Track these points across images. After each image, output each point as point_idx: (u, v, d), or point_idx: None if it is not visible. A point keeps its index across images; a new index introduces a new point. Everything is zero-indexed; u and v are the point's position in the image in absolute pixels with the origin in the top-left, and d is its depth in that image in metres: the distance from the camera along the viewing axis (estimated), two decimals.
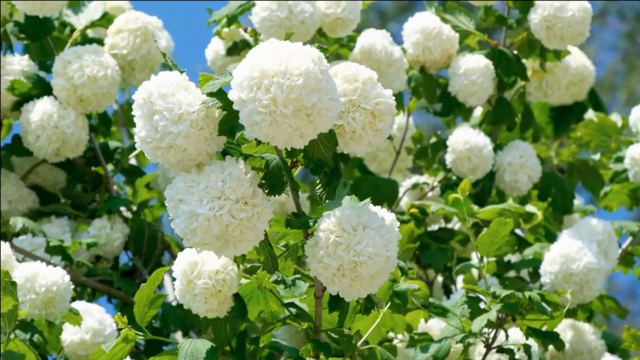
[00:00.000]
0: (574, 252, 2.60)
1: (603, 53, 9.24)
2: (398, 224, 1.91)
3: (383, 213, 1.89)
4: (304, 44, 1.75)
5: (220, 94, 1.80)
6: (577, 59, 3.19)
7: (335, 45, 2.92)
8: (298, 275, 2.11)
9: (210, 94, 1.81)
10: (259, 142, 1.81)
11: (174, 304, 2.88)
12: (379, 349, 2.13)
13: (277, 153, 1.87)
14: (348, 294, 1.85)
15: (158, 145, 1.81)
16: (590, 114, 3.20)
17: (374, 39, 2.86)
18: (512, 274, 2.95)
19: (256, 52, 1.75)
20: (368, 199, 1.92)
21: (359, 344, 2.17)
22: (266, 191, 1.84)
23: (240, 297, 2.11)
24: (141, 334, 2.10)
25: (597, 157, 3.06)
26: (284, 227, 1.93)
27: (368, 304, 2.06)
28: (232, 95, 1.74)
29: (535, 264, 2.80)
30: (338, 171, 1.90)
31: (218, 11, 2.86)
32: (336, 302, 1.92)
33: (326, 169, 1.88)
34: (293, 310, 2.10)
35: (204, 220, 1.77)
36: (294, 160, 1.91)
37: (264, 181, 1.84)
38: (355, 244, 1.81)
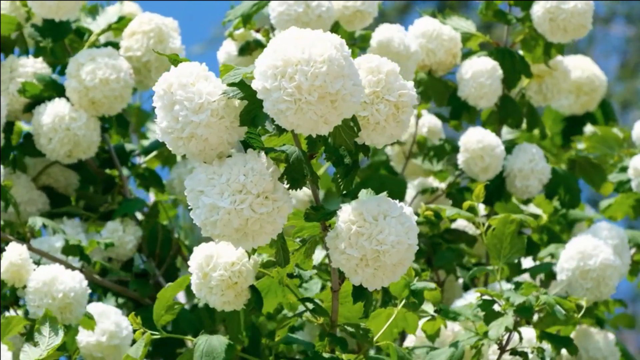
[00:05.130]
0: (591, 249, 2.61)
1: (610, 57, 9.29)
2: (415, 217, 1.91)
3: (401, 205, 1.89)
4: None
5: (242, 84, 1.79)
6: (587, 68, 3.19)
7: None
8: (315, 271, 2.10)
9: (232, 84, 1.80)
10: (280, 131, 1.80)
11: (186, 307, 2.87)
12: (394, 346, 2.12)
13: (296, 145, 1.86)
14: (371, 283, 1.85)
15: (179, 135, 1.80)
16: (590, 127, 3.22)
17: (391, 32, 2.85)
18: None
19: (278, 40, 1.74)
20: (384, 192, 1.91)
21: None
22: (287, 185, 1.83)
23: (256, 289, 2.11)
24: (157, 333, 2.10)
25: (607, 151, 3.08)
26: (303, 220, 1.92)
27: (386, 297, 2.06)
28: (255, 85, 1.73)
29: (549, 268, 2.80)
30: (357, 162, 1.90)
31: (231, 11, 2.85)
32: (360, 293, 1.91)
33: (347, 162, 1.88)
34: (310, 305, 2.09)
35: (224, 213, 1.77)
36: (313, 152, 1.91)
37: (285, 175, 1.83)
38: (378, 233, 1.81)
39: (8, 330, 2.13)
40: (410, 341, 2.57)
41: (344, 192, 1.90)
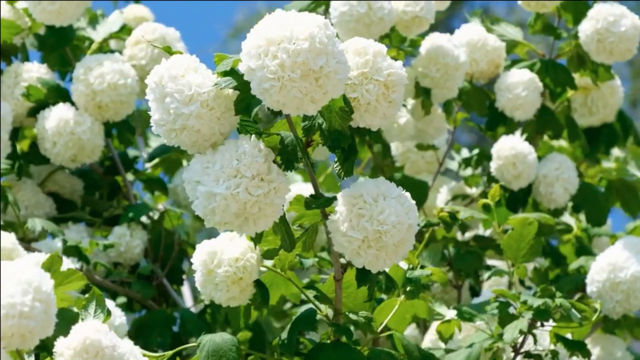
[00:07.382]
0: (622, 261, 2.57)
1: None
2: (408, 193, 1.89)
3: (399, 187, 1.87)
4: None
5: (234, 74, 1.79)
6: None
7: (394, 50, 2.85)
8: (317, 259, 2.08)
9: (225, 73, 1.80)
10: (274, 115, 1.78)
11: (193, 310, 2.86)
12: (398, 335, 2.09)
13: (291, 130, 1.85)
14: (374, 265, 1.83)
15: (172, 127, 1.81)
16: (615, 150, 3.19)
17: (440, 41, 2.82)
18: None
19: (263, 22, 1.74)
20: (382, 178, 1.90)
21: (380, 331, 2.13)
22: (281, 167, 1.82)
23: (262, 283, 2.10)
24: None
25: (637, 173, 3.06)
26: (303, 207, 1.90)
27: (389, 283, 2.03)
28: (241, 67, 1.73)
29: (576, 282, 2.77)
30: (354, 147, 1.89)
31: (287, 6, 2.81)
32: (364, 276, 1.89)
33: (343, 145, 1.86)
34: (313, 292, 2.07)
35: (221, 199, 1.76)
36: (310, 139, 1.89)
37: (279, 157, 1.82)
38: (378, 213, 1.80)
39: (67, 282, 2.06)
40: (428, 340, 2.55)
41: (346, 176, 1.89)
